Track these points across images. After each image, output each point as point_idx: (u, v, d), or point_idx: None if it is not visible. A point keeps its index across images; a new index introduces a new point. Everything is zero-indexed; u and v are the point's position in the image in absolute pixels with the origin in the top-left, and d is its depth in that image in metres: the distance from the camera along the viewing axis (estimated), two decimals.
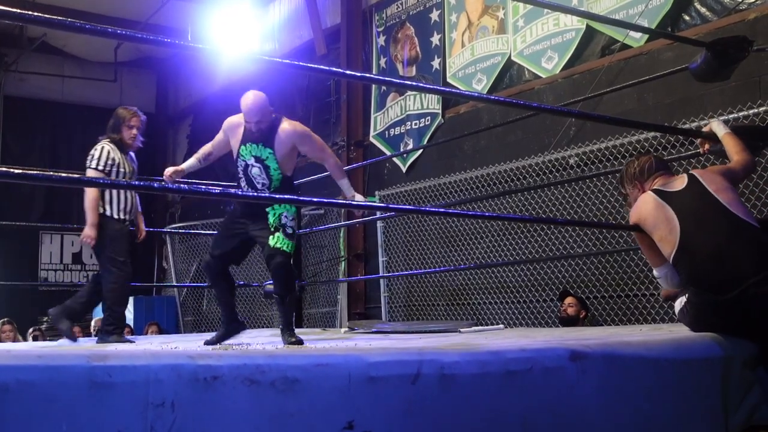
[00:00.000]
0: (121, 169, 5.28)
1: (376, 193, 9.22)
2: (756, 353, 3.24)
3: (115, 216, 5.25)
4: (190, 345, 4.26)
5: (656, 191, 3.57)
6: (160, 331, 9.83)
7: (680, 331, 3.44)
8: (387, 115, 9.66)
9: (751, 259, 3.18)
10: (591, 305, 6.73)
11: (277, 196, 4.51)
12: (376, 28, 10.01)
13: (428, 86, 5.33)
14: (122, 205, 5.27)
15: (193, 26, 12.46)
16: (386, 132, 9.62)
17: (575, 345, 2.71)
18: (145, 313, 11.22)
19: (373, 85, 9.84)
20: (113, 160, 5.23)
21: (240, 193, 4.49)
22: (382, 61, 9.86)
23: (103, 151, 5.23)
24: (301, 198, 4.57)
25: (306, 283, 7.79)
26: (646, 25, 6.65)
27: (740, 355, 3.19)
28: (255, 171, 4.56)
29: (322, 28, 10.72)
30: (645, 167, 3.72)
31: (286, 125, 4.57)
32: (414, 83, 5.08)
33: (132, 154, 5.52)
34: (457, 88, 8.57)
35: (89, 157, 5.27)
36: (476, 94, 4.27)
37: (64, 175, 4.25)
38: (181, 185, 4.77)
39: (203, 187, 3.60)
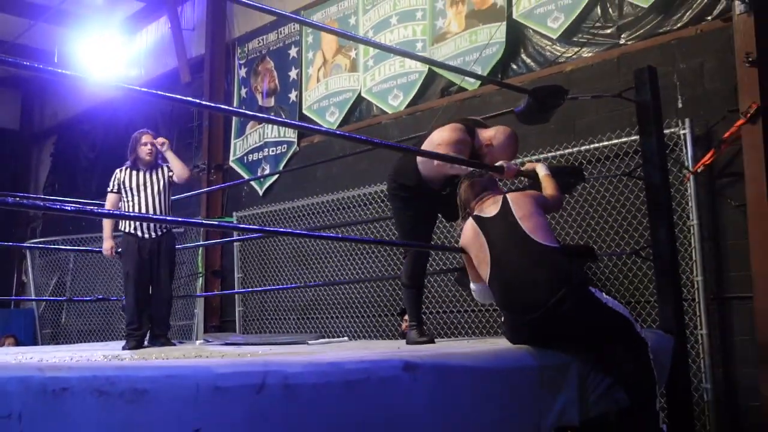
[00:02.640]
0: (130, 185, 5.37)
1: (234, 213, 9.09)
2: (566, 361, 3.38)
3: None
4: (46, 356, 4.03)
5: (476, 218, 3.63)
6: (17, 344, 9.24)
7: (501, 344, 3.53)
8: (246, 141, 9.55)
9: (549, 283, 3.28)
10: (428, 320, 6.86)
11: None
12: (238, 60, 9.90)
13: (279, 119, 5.35)
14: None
15: (59, 48, 11.93)
16: (245, 157, 9.50)
17: (408, 356, 2.73)
18: (2, 325, 10.52)
19: None
20: (119, 180, 5.42)
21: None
22: (243, 91, 9.75)
23: (113, 175, 5.47)
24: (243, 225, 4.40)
25: None
26: (480, 71, 6.90)
27: (551, 364, 3.30)
28: None
29: (187, 58, 10.50)
30: (470, 195, 3.76)
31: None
32: (266, 116, 5.09)
33: (162, 168, 5.52)
34: (312, 120, 8.62)
35: None
36: (323, 129, 4.28)
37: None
38: (36, 202, 4.49)
39: (58, 204, 3.41)
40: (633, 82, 4.46)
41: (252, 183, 9.18)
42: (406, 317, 6.42)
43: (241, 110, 4.35)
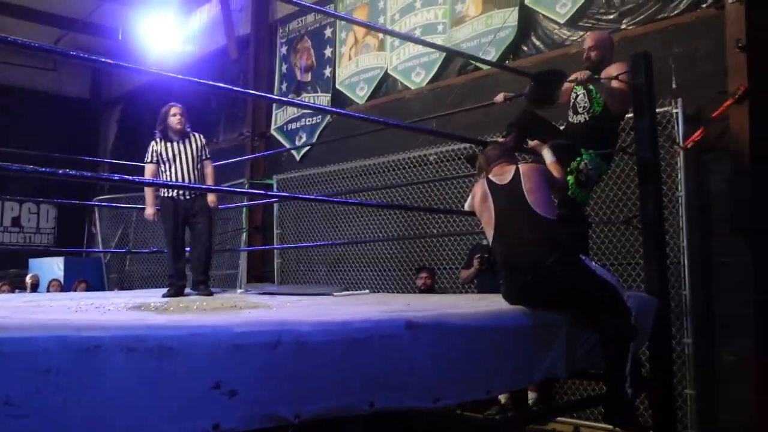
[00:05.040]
0: (167, 156, 5.32)
1: (274, 177, 9.09)
2: (556, 321, 3.35)
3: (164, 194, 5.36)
4: (105, 302, 4.07)
5: (489, 181, 3.59)
6: (88, 288, 9.41)
7: (499, 302, 3.49)
8: (286, 112, 9.50)
9: (545, 249, 3.26)
10: (441, 276, 6.86)
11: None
12: (279, 39, 9.81)
13: (301, 102, 5.33)
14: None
15: (123, 26, 11.93)
16: (285, 126, 9.47)
17: (411, 316, 2.72)
18: (75, 271, 10.72)
19: (275, 86, 9.68)
20: (155, 151, 5.36)
21: None
22: (284, 67, 9.68)
23: (149, 147, 5.40)
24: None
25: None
26: (494, 52, 6.77)
27: (543, 323, 3.28)
28: (579, 98, 4.35)
29: (235, 36, 10.44)
30: (489, 157, 3.71)
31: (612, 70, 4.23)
32: (293, 100, 5.08)
33: (192, 136, 5.48)
34: (344, 94, 8.57)
35: None
36: (343, 111, 4.33)
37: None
38: (84, 173, 4.49)
39: (104, 175, 3.43)
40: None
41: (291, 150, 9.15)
42: (422, 274, 6.43)
43: (272, 96, 4.29)
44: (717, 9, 5.29)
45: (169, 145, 5.39)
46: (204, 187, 5.46)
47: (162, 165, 5.37)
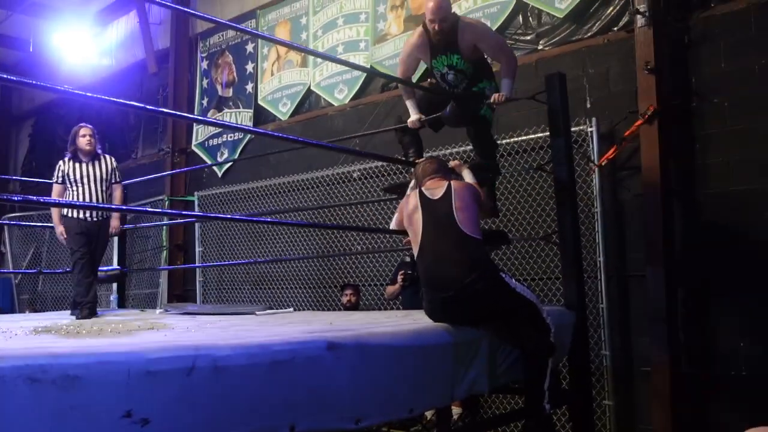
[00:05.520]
0: (74, 177, 5.24)
1: (195, 193, 8.90)
2: (477, 337, 3.37)
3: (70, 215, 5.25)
4: (13, 326, 3.86)
5: (421, 194, 3.61)
6: None
7: (422, 319, 3.50)
8: (207, 127, 9.32)
9: (466, 267, 3.28)
10: (365, 292, 6.84)
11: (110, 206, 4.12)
12: (200, 53, 9.64)
13: (216, 121, 5.25)
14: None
15: (35, 38, 11.48)
16: (206, 142, 9.29)
17: (333, 336, 2.68)
18: None
19: (196, 101, 9.49)
20: (62, 171, 5.28)
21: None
22: (205, 81, 9.51)
23: (56, 167, 5.34)
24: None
25: (128, 270, 7.36)
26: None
27: (464, 340, 3.29)
28: (450, 77, 4.26)
29: (154, 50, 10.18)
30: (425, 170, 3.76)
31: (465, 25, 4.16)
32: (208, 119, 5.01)
33: (103, 158, 5.40)
34: (266, 109, 8.49)
35: None
36: (268, 132, 4.29)
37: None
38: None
39: (5, 195, 3.27)
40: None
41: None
42: (347, 291, 6.40)
43: (195, 117, 4.20)
44: (627, 32, 5.50)
45: (77, 165, 5.32)
46: (113, 207, 5.35)
47: (69, 186, 5.29)
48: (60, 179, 5.31)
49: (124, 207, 5.24)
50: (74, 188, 5.26)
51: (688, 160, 5.19)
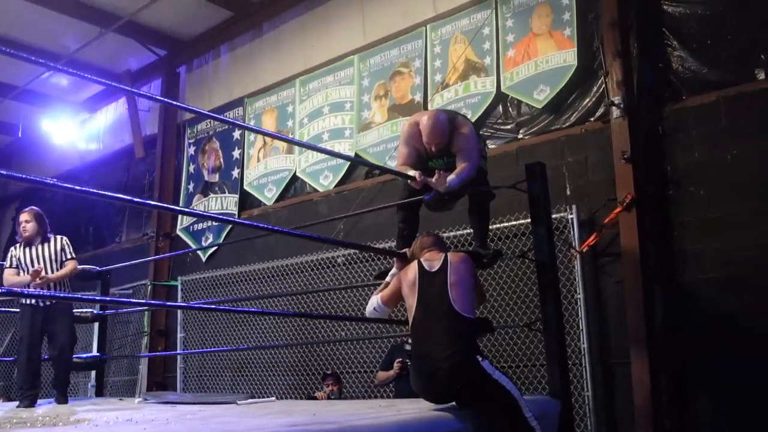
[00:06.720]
0: (26, 261, 5.32)
1: (179, 278, 8.86)
2: (460, 427, 3.33)
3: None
4: None
5: (420, 265, 3.65)
6: None
7: (407, 410, 3.46)
8: None
9: (448, 341, 3.32)
10: (348, 380, 6.75)
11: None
12: (187, 139, 9.80)
13: (198, 212, 5.37)
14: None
15: (24, 122, 11.64)
16: (191, 227, 9.33)
17: (316, 430, 2.66)
18: None
19: (182, 186, 9.59)
20: (14, 257, 5.38)
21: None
22: (192, 167, 9.64)
23: (8, 253, 5.44)
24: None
25: (107, 357, 7.22)
26: None
27: (449, 427, 3.27)
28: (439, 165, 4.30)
29: (142, 135, 10.35)
30: (423, 243, 3.89)
31: (457, 135, 4.24)
32: (198, 212, 5.10)
33: (53, 239, 5.47)
34: (252, 194, 8.59)
35: None
36: (248, 222, 4.40)
37: None
38: None
39: None
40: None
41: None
42: (328, 381, 6.31)
43: (181, 208, 4.25)
44: (603, 123, 5.69)
45: (27, 250, 5.41)
46: (67, 296, 5.53)
47: (22, 270, 5.35)
48: (13, 264, 5.39)
49: (99, 298, 5.20)
50: (27, 272, 5.29)
51: (666, 247, 5.29)
